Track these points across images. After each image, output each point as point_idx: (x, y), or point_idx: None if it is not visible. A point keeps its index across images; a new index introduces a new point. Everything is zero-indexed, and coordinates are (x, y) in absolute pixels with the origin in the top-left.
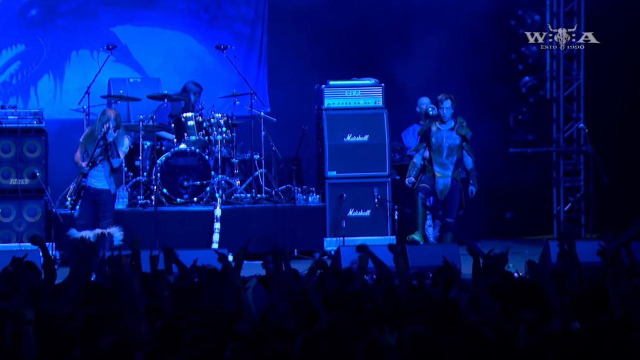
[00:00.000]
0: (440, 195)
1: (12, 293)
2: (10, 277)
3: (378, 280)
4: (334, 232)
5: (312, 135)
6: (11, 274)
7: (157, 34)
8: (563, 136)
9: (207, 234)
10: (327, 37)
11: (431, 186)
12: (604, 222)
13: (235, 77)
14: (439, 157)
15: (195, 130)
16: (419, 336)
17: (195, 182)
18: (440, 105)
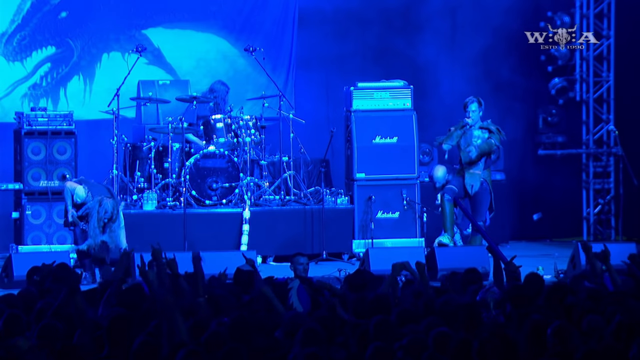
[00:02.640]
0: (470, 190)
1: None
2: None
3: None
4: (363, 234)
5: (340, 137)
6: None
7: (189, 37)
8: (593, 138)
9: (235, 236)
10: (356, 39)
11: (459, 188)
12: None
13: (266, 80)
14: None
15: (224, 132)
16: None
17: (224, 184)
18: (467, 108)
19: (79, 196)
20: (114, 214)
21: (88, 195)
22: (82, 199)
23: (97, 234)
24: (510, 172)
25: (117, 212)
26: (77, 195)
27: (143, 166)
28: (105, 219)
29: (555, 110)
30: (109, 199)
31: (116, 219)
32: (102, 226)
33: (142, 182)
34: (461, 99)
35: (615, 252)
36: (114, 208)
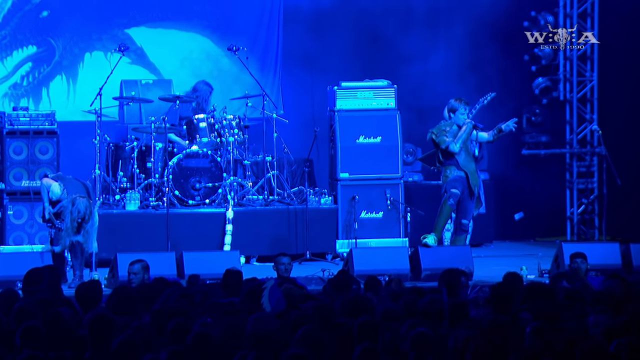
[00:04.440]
0: (476, 191)
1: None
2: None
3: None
4: (346, 234)
5: (324, 137)
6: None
7: (172, 36)
8: (576, 138)
9: (219, 236)
10: (340, 39)
11: (461, 189)
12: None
13: (252, 79)
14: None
15: (207, 132)
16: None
17: (207, 184)
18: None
19: (54, 193)
20: (86, 214)
21: (63, 192)
22: (57, 196)
23: (70, 234)
24: (494, 172)
25: (91, 212)
26: (52, 192)
27: (126, 166)
28: (79, 219)
29: (539, 110)
30: (83, 198)
31: (89, 219)
32: (75, 227)
33: (124, 182)
34: (444, 99)
35: (598, 252)
36: (86, 208)
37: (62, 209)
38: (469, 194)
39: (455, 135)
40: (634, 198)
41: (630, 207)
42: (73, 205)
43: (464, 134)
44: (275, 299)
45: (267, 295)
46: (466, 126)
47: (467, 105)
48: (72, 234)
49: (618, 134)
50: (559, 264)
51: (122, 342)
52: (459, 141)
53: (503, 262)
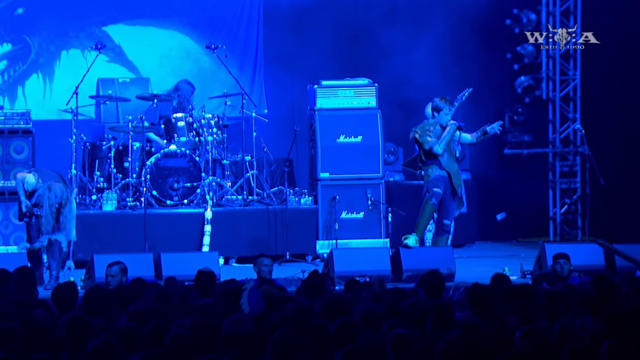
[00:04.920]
0: (459, 191)
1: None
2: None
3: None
4: (327, 235)
5: (304, 136)
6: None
7: (151, 34)
8: (559, 137)
9: (197, 237)
10: (320, 36)
11: (444, 189)
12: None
13: (230, 78)
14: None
15: (185, 131)
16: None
17: (185, 184)
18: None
19: (29, 184)
20: (63, 198)
21: (38, 181)
22: (33, 186)
23: (49, 221)
24: (476, 172)
25: (67, 197)
26: (27, 184)
27: (102, 166)
28: (56, 204)
29: (522, 109)
30: (58, 183)
31: (66, 204)
32: (54, 212)
33: (101, 182)
34: (426, 98)
35: (581, 252)
36: (63, 193)
37: (39, 198)
38: (452, 194)
39: (439, 136)
40: (617, 198)
41: (613, 207)
42: (50, 190)
43: (447, 135)
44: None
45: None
46: (450, 127)
47: (452, 106)
48: (51, 220)
49: (601, 133)
50: (542, 265)
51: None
52: (442, 142)
53: (485, 263)
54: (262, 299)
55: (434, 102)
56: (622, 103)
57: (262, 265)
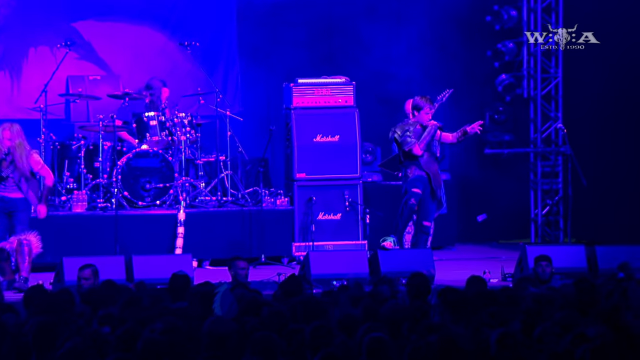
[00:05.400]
0: (439, 193)
1: None
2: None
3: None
4: (303, 237)
5: (280, 136)
6: None
7: (122, 30)
8: (541, 137)
9: (170, 239)
10: (296, 34)
11: (422, 189)
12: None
13: (204, 76)
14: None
15: (157, 130)
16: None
17: (157, 184)
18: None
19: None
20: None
21: None
22: None
23: None
24: (456, 172)
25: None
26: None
27: (72, 166)
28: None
29: (502, 107)
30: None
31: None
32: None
33: (71, 182)
34: (406, 96)
35: (563, 254)
36: None
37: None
38: (431, 195)
39: (419, 136)
40: (600, 199)
41: (596, 209)
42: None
43: (427, 136)
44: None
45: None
46: (430, 128)
47: (432, 105)
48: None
49: (583, 133)
50: (523, 268)
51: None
52: (422, 143)
53: (465, 266)
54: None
55: (414, 101)
56: (604, 102)
57: (238, 269)
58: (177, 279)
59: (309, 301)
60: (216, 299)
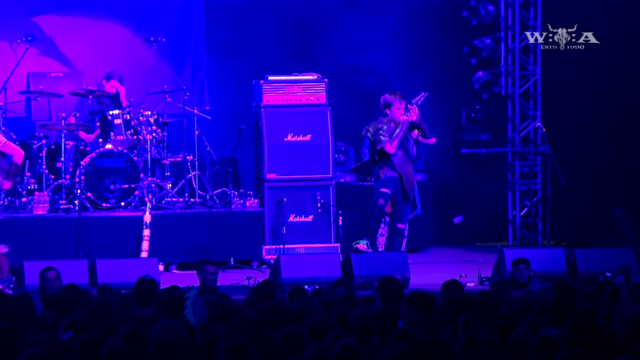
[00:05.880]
0: (411, 194)
1: None
2: None
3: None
4: (274, 240)
5: (250, 135)
6: None
7: (84, 25)
8: (519, 136)
9: (135, 242)
10: (267, 28)
11: (393, 190)
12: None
13: (171, 73)
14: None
15: (122, 129)
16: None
17: (122, 185)
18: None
19: None
20: None
21: None
22: None
23: None
24: (431, 173)
25: None
26: None
27: (33, 166)
28: None
29: (479, 106)
30: None
31: None
32: None
33: (32, 183)
34: (380, 93)
35: (542, 257)
36: None
37: None
38: (403, 197)
39: (392, 134)
40: (580, 200)
41: (576, 210)
42: None
43: (400, 132)
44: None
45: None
46: (402, 124)
47: (403, 99)
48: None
49: (563, 132)
50: (501, 271)
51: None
52: (395, 141)
53: (441, 269)
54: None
55: (383, 99)
56: (584, 100)
57: (207, 274)
58: (144, 283)
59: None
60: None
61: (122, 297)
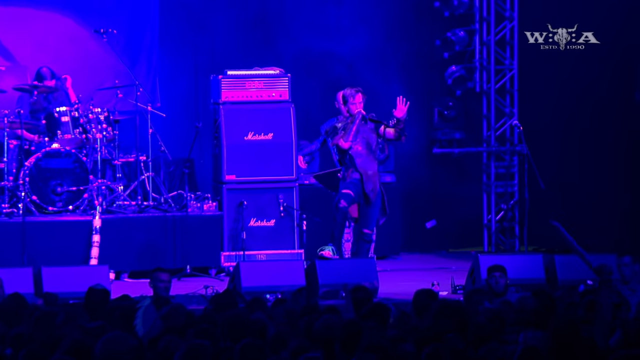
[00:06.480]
0: (373, 196)
1: None
2: None
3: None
4: (233, 246)
5: (207, 134)
6: None
7: (28, 16)
8: (494, 134)
9: (84, 249)
10: (228, 21)
11: (356, 192)
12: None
13: (122, 67)
14: (367, 154)
15: (70, 127)
16: None
17: (70, 187)
18: (352, 100)
19: None
20: None
21: None
22: None
23: None
24: (401, 174)
25: None
26: None
27: None
28: None
29: (452, 102)
30: None
31: None
32: None
33: None
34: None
35: (519, 264)
36: None
37: None
38: (364, 199)
39: (346, 130)
40: (559, 203)
41: (555, 214)
42: None
43: (354, 126)
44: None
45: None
46: (356, 117)
47: (357, 93)
48: None
49: (542, 131)
50: (475, 279)
51: None
52: (349, 135)
53: (412, 277)
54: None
55: (342, 95)
56: (565, 96)
57: (158, 281)
58: (95, 293)
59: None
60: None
61: (70, 307)
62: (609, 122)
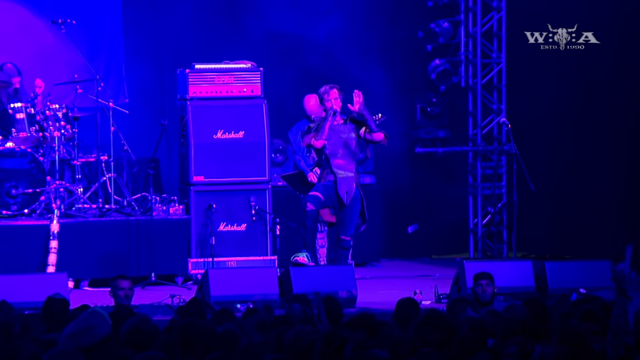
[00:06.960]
0: (346, 198)
1: None
2: None
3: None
4: (201, 252)
5: (174, 132)
6: None
7: None
8: (481, 133)
9: (41, 255)
10: (197, 11)
11: (327, 196)
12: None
13: (82, 60)
14: (345, 155)
15: (25, 125)
16: None
17: (25, 189)
18: (327, 97)
19: None
20: None
21: None
22: None
23: None
24: (382, 175)
25: None
26: None
27: None
28: None
29: (436, 98)
30: None
31: None
32: None
33: None
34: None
35: (507, 272)
36: None
37: None
38: (339, 204)
39: (318, 128)
40: (550, 206)
41: (545, 218)
42: None
43: (326, 122)
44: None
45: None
46: (328, 112)
47: (332, 89)
48: None
49: (531, 129)
50: (460, 287)
51: None
52: (321, 133)
53: (393, 285)
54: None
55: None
56: (556, 92)
57: (117, 289)
58: (53, 303)
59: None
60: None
61: (25, 318)
62: (603, 123)
